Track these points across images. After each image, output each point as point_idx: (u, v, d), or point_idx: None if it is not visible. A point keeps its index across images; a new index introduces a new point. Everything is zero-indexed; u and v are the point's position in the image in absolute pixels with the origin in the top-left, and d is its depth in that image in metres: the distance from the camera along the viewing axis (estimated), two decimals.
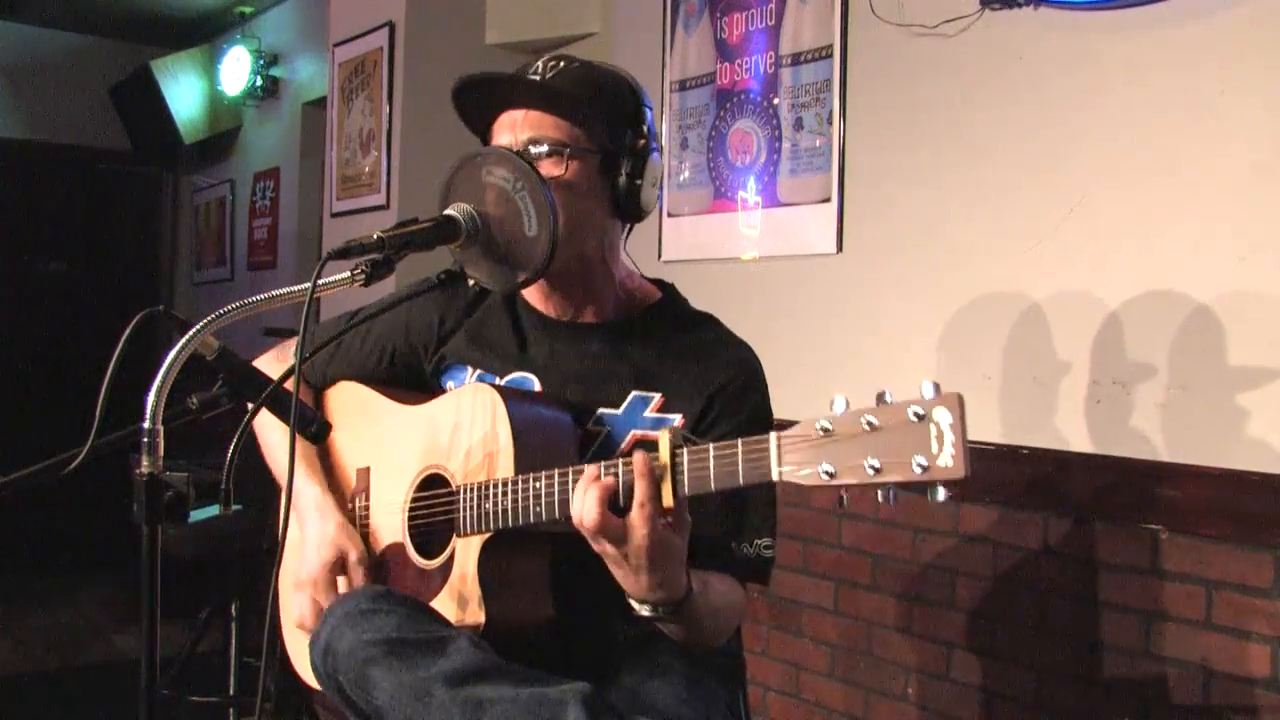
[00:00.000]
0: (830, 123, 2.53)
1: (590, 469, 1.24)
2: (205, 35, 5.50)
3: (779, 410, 1.58)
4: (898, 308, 2.41)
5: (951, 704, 2.27)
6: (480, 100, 1.49)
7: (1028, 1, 2.15)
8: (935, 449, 1.00)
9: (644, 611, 1.29)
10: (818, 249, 2.56)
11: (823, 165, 2.55)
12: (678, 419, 1.48)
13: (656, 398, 1.49)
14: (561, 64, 1.49)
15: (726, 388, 1.49)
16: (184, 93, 5.27)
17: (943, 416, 1.00)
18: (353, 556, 1.51)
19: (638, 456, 1.20)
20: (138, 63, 5.32)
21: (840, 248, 2.52)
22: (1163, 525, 1.94)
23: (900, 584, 2.39)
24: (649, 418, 1.49)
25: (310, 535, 1.54)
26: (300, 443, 1.45)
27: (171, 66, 5.24)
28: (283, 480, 1.30)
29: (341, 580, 1.51)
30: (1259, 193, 1.84)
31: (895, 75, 2.41)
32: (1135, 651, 1.98)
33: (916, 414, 1.01)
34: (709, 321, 1.59)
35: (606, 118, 1.47)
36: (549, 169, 1.43)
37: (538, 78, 1.47)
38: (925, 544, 2.33)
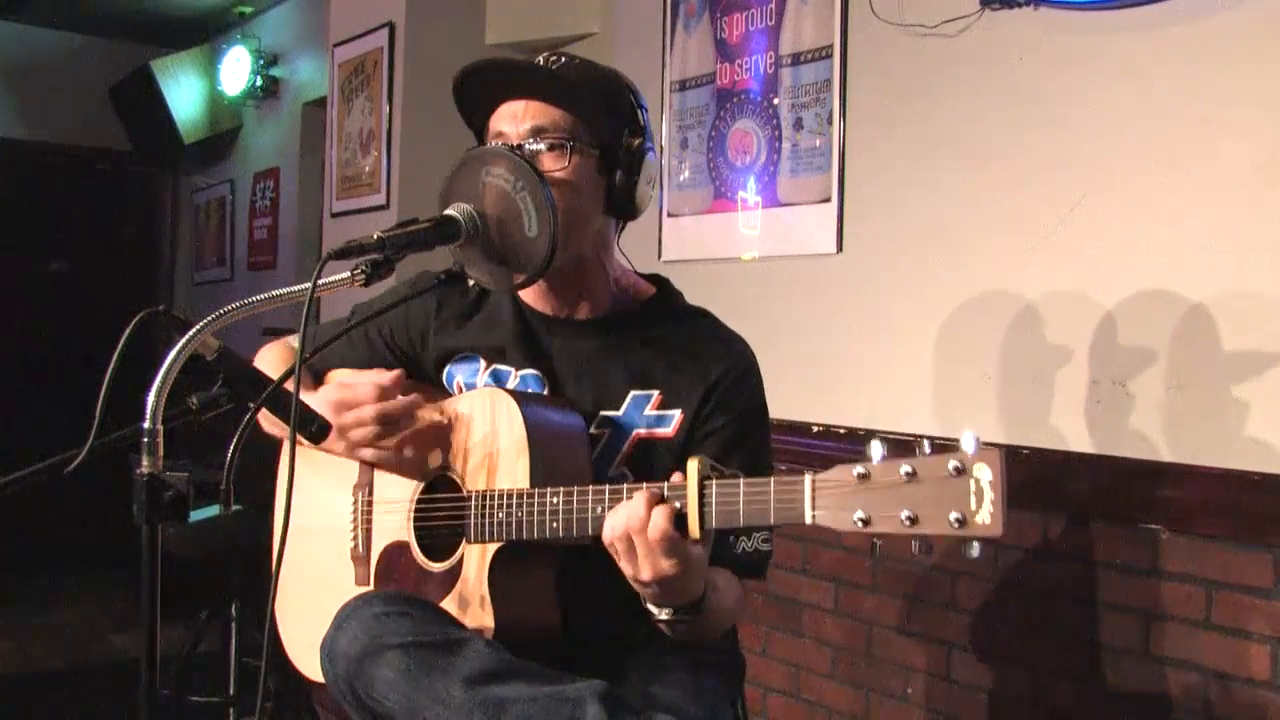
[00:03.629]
0: (830, 123, 2.53)
1: (650, 489, 1.23)
2: (205, 35, 5.49)
3: (779, 410, 1.58)
4: (898, 308, 2.41)
5: (951, 704, 2.27)
6: (483, 89, 1.49)
7: (1028, 1, 2.15)
8: (974, 505, 0.99)
9: (663, 615, 1.29)
10: (818, 249, 2.56)
11: (823, 165, 2.55)
12: (677, 415, 1.48)
13: (655, 395, 1.49)
14: (563, 59, 1.49)
15: (722, 381, 1.49)
16: (184, 93, 5.26)
17: (983, 473, 0.99)
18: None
19: (650, 492, 1.20)
20: (138, 63, 5.32)
21: (840, 248, 2.52)
22: (1163, 525, 1.94)
23: (900, 584, 2.38)
24: (649, 416, 1.49)
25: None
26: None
27: (171, 66, 5.24)
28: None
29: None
30: (1259, 193, 1.84)
31: (895, 75, 2.41)
32: (1135, 651, 1.98)
33: (956, 468, 1.00)
34: (703, 316, 1.60)
35: (608, 114, 1.47)
36: (550, 163, 1.43)
37: (544, 68, 1.47)
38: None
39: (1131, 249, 2.00)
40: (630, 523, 1.20)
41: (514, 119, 1.46)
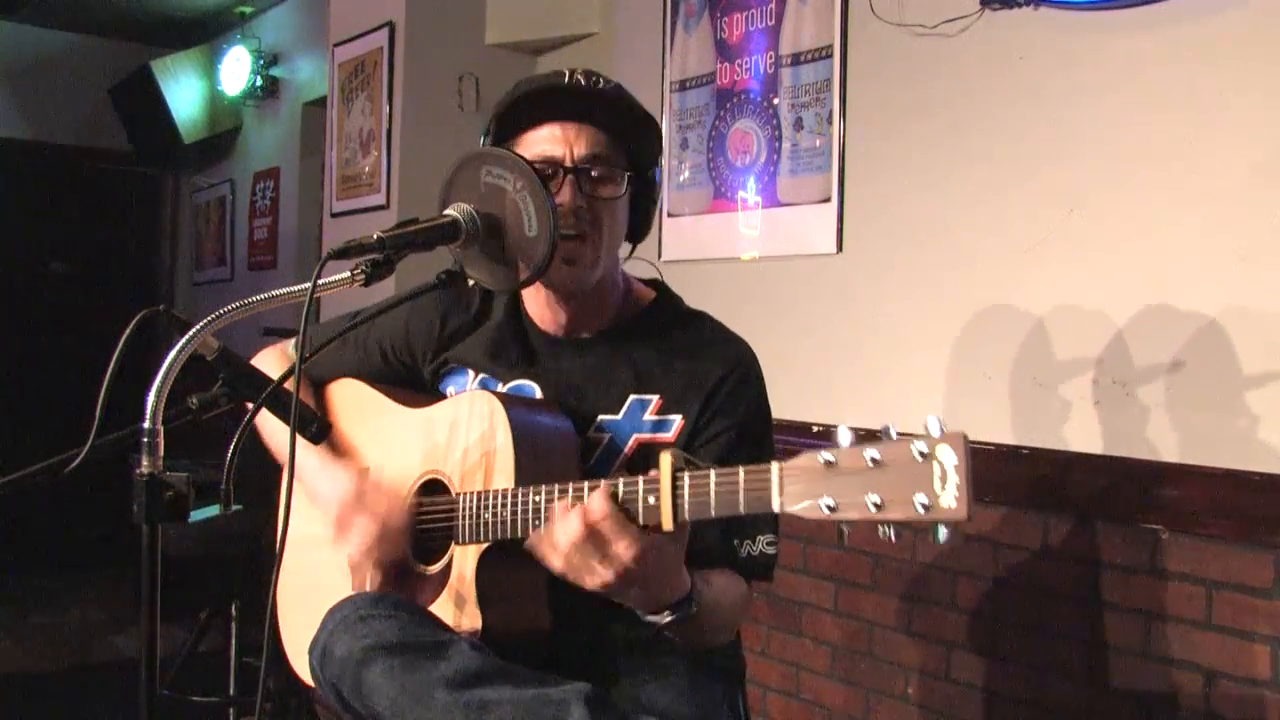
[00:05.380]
0: (830, 123, 2.53)
1: (603, 486, 1.23)
2: (205, 35, 5.50)
3: (779, 410, 1.58)
4: (898, 308, 2.41)
5: (951, 704, 2.27)
6: (536, 106, 1.47)
7: (1028, 1, 2.15)
8: (938, 489, 0.99)
9: (651, 619, 1.29)
10: (818, 249, 2.56)
11: (823, 165, 2.55)
12: (678, 419, 1.48)
13: (655, 400, 1.49)
14: (602, 81, 1.47)
15: (723, 384, 1.49)
16: (184, 93, 5.26)
17: (947, 456, 0.99)
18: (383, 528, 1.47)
19: (602, 487, 1.21)
20: (138, 63, 5.32)
21: (840, 248, 2.52)
22: (1163, 525, 1.94)
23: (900, 584, 2.39)
24: (649, 420, 1.49)
25: (326, 493, 1.51)
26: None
27: (171, 66, 5.24)
28: (282, 455, 1.30)
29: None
30: (1259, 193, 1.84)
31: (895, 75, 2.41)
32: (1135, 652, 1.98)
33: (921, 452, 1.00)
34: (702, 319, 1.60)
35: (643, 144, 1.50)
36: (610, 190, 1.45)
37: (607, 92, 1.46)
38: (925, 544, 2.33)
39: (1132, 249, 2.01)
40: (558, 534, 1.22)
41: (566, 141, 1.44)
